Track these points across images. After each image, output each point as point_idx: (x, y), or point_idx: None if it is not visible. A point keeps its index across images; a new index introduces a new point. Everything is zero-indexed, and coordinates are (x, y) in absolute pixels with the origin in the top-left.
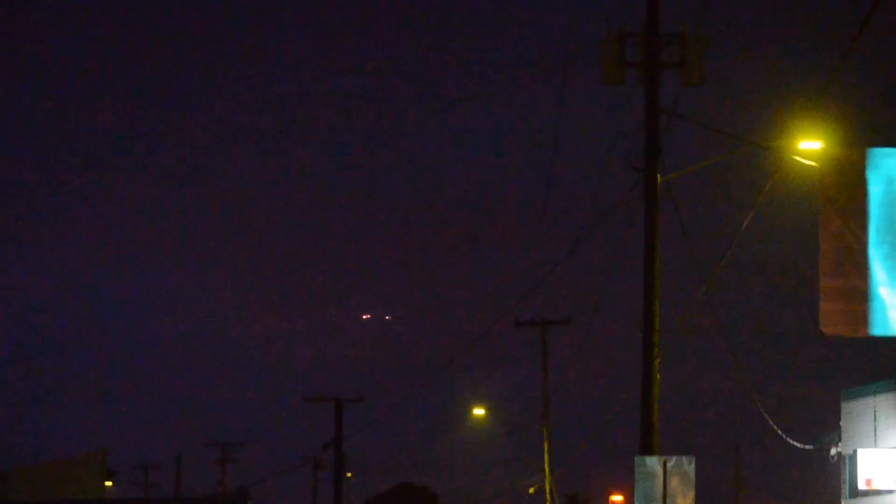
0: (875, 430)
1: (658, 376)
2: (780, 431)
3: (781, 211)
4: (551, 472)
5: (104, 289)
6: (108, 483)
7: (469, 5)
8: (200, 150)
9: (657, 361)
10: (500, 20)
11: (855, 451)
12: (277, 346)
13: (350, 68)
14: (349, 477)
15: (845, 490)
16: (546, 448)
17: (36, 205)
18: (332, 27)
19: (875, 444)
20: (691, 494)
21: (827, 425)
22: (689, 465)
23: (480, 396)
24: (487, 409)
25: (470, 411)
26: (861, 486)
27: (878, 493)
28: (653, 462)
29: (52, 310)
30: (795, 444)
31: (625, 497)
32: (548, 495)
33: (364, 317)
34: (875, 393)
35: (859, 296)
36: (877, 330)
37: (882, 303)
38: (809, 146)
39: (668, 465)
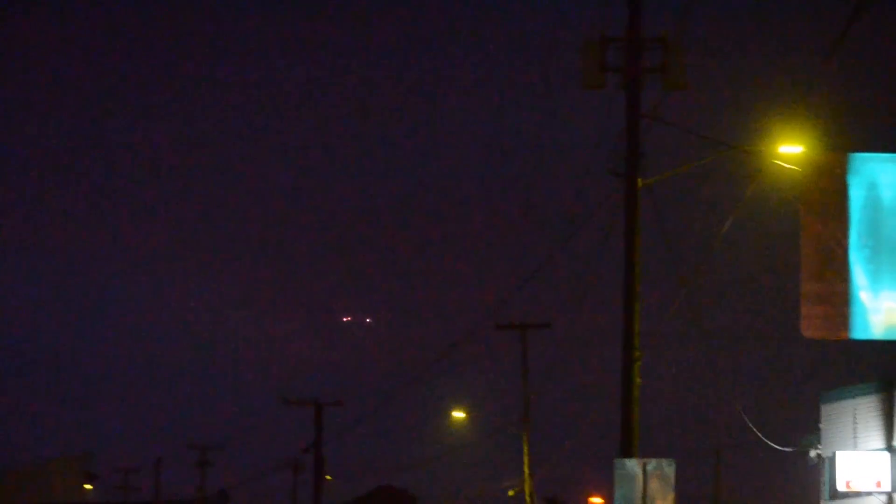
0: (855, 432)
1: (638, 379)
2: (759, 434)
3: (763, 215)
4: (531, 474)
5: (85, 292)
6: (88, 486)
7: (452, 9)
8: (183, 149)
9: (637, 364)
10: (482, 24)
11: (834, 454)
12: (257, 349)
13: (331, 72)
14: (329, 480)
15: (825, 492)
16: (525, 451)
17: (15, 207)
18: (319, 26)
19: (855, 447)
20: (671, 496)
21: (806, 428)
22: (668, 468)
23: (460, 399)
24: (467, 412)
25: (450, 414)
26: (840, 488)
27: (857, 495)
28: (632, 464)
29: (32, 313)
30: (775, 446)
31: (604, 499)
32: (527, 498)
33: (345, 319)
34: (854, 396)
35: (840, 299)
36: (857, 333)
37: (863, 307)
38: (790, 150)
39: (648, 467)
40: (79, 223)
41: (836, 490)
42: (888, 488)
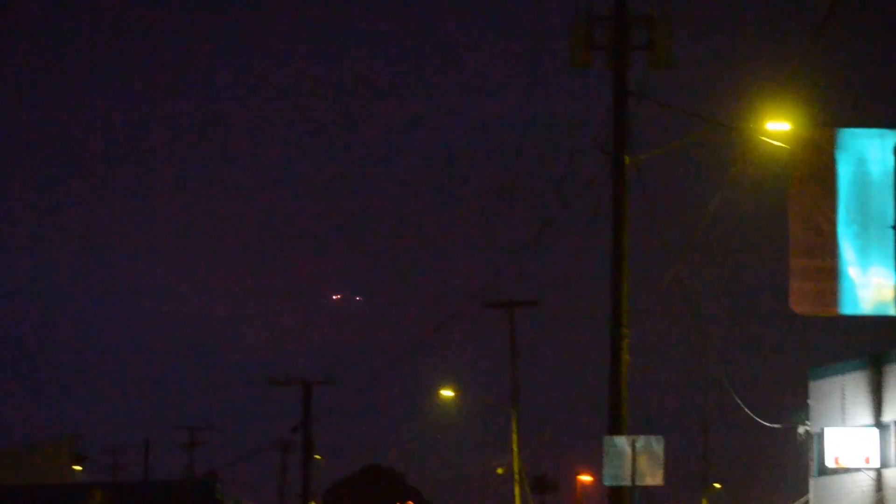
0: (843, 408)
1: (626, 357)
2: (748, 410)
3: (751, 192)
4: (520, 452)
5: (72, 274)
6: (78, 467)
7: None
8: (170, 136)
9: (625, 342)
10: (469, 4)
11: (823, 430)
12: (245, 329)
13: (320, 56)
14: (318, 459)
15: (813, 468)
16: (514, 429)
17: (4, 192)
18: (306, 19)
19: (843, 423)
20: (660, 473)
21: (795, 403)
22: (657, 445)
23: (449, 378)
24: (456, 391)
25: (438, 393)
26: (829, 464)
27: (846, 471)
28: (621, 442)
29: (20, 296)
30: (763, 422)
31: (593, 477)
32: (516, 476)
33: (334, 297)
34: (843, 372)
35: (829, 275)
36: (846, 309)
37: (851, 282)
38: (778, 127)
39: (637, 444)
40: (65, 209)
41: (825, 466)
42: (877, 464)
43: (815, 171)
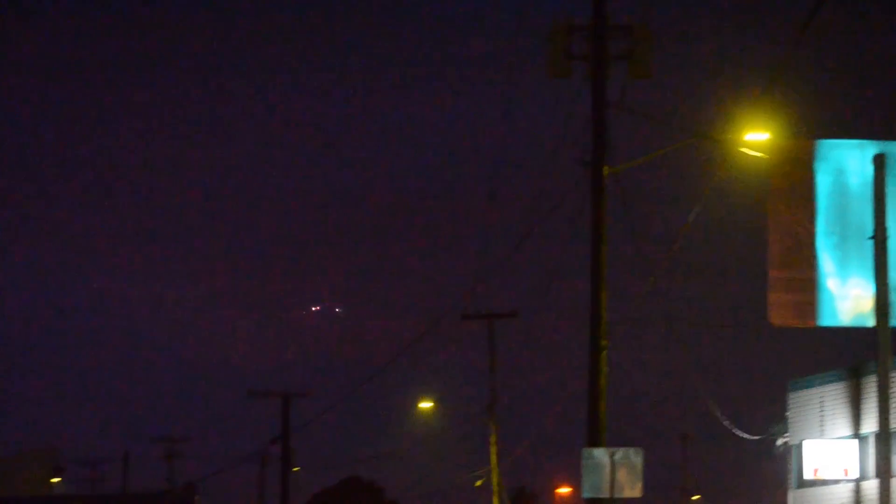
0: (822, 420)
1: (605, 368)
2: (726, 422)
3: (730, 202)
4: (498, 464)
5: (50, 288)
6: (56, 479)
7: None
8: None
9: (604, 354)
10: (449, 15)
11: (801, 442)
12: (224, 341)
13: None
14: (296, 471)
15: (792, 480)
16: (493, 441)
17: None
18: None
19: (822, 435)
20: (639, 485)
21: (774, 416)
22: (636, 457)
23: (428, 390)
24: (434, 403)
25: (417, 405)
26: (808, 476)
27: (825, 482)
28: (600, 454)
29: None
30: (742, 434)
31: (572, 489)
32: (495, 488)
33: (314, 309)
34: (821, 384)
35: (808, 286)
36: (825, 320)
37: (830, 294)
38: (757, 137)
39: (616, 456)
40: (40, 220)
41: (804, 478)
42: (856, 476)
43: (794, 181)
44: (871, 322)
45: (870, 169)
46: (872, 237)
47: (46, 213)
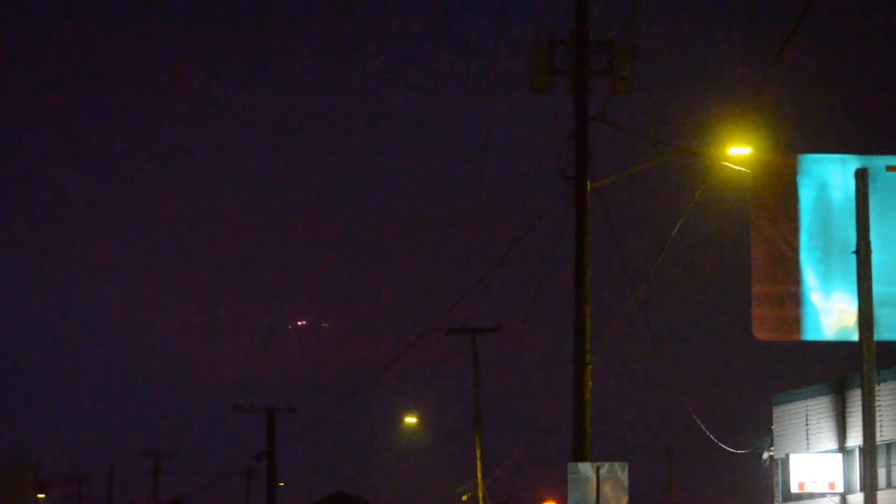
0: (807, 434)
1: (590, 383)
2: (712, 436)
3: (712, 217)
4: (484, 478)
5: (36, 301)
6: (41, 495)
7: (399, 17)
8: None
9: (589, 368)
10: (430, 30)
11: (787, 456)
12: (210, 356)
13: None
14: (282, 486)
15: (778, 494)
16: (479, 455)
17: None
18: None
19: (807, 449)
20: (625, 500)
21: (758, 430)
22: (621, 471)
23: (413, 405)
24: (419, 417)
25: (402, 420)
26: (794, 489)
27: (810, 496)
28: (586, 468)
29: None
30: (728, 448)
31: (558, 503)
32: (481, 502)
33: (300, 323)
34: (806, 397)
35: (791, 301)
36: (809, 335)
37: (814, 308)
38: (739, 152)
39: (601, 471)
40: (29, 230)
41: (790, 492)
42: (841, 490)
43: (777, 196)
44: (855, 336)
45: (852, 183)
46: (855, 251)
47: (32, 227)
